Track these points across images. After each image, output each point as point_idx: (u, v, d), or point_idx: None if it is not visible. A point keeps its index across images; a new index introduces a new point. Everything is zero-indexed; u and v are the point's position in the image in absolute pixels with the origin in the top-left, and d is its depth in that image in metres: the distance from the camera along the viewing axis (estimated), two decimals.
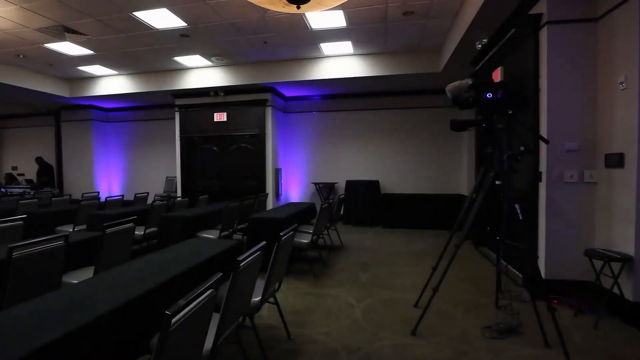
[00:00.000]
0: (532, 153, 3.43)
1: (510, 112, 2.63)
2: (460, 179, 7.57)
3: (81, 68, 7.33)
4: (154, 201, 5.23)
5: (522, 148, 2.63)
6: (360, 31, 5.51)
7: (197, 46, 6.15)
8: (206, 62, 7.07)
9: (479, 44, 4.49)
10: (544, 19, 3.35)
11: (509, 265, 3.92)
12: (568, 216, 3.30)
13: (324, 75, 6.77)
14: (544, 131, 3.35)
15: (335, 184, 8.25)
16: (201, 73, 7.41)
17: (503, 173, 2.64)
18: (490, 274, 4.07)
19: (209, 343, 1.61)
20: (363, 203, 7.64)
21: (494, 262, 3.17)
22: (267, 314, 3.08)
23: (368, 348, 2.52)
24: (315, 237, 4.27)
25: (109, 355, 1.54)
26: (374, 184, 7.78)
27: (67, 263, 2.50)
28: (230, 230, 4.84)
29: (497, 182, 2.70)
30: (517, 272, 3.83)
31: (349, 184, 7.83)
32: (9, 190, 8.84)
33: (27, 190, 8.68)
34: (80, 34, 5.48)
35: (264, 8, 4.25)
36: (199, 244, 2.85)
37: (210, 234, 4.53)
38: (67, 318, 1.44)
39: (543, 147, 3.33)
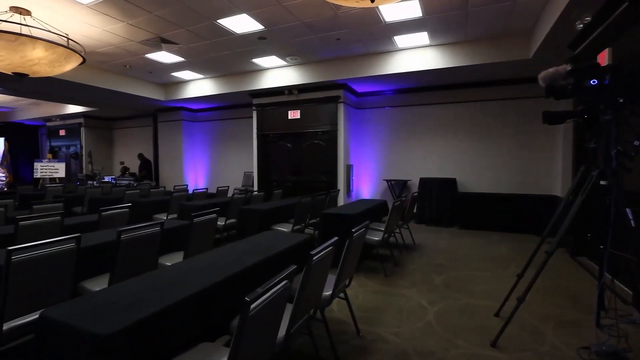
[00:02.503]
0: None
1: (620, 101, 2.25)
2: (553, 178, 6.75)
3: (174, 74, 8.17)
4: (233, 194, 5.61)
5: (637, 143, 2.23)
6: (438, 20, 5.22)
7: (273, 47, 6.42)
8: (281, 62, 7.35)
9: (580, 24, 3.93)
10: None
11: (614, 280, 3.38)
12: None
13: (398, 69, 6.56)
14: None
15: (408, 181, 7.98)
16: (276, 73, 7.73)
17: (610, 172, 2.28)
18: (589, 288, 3.58)
19: (282, 331, 1.68)
20: (438, 202, 7.27)
21: (595, 275, 2.76)
22: (337, 308, 3.11)
23: (442, 354, 2.40)
24: (386, 235, 4.18)
25: (195, 331, 1.69)
26: (451, 182, 7.35)
27: (162, 247, 2.81)
28: (303, 224, 4.99)
29: (601, 183, 2.34)
30: (625, 288, 3.30)
31: (423, 181, 7.51)
32: (118, 181, 10.27)
33: (132, 182, 9.99)
34: (174, 43, 6.10)
35: (337, 5, 4.26)
36: (273, 236, 2.98)
37: (284, 227, 4.71)
38: (163, 295, 1.62)
39: None
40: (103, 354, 1.27)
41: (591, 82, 2.30)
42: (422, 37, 5.89)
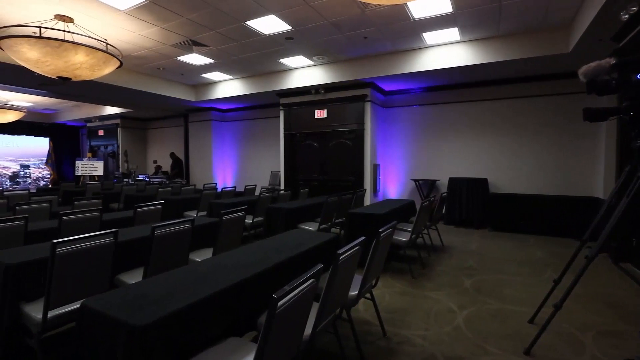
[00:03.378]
0: None
1: None
2: (594, 179, 6.37)
3: (204, 75, 8.40)
4: (260, 193, 5.70)
5: None
6: (469, 15, 5.06)
7: (300, 47, 6.46)
8: (308, 62, 7.38)
9: (625, 14, 3.69)
10: None
11: None
12: None
13: (427, 67, 6.42)
14: None
15: (437, 181, 7.80)
16: (303, 72, 7.78)
17: None
18: (634, 296, 3.36)
19: (308, 329, 1.69)
20: (468, 202, 7.06)
21: None
22: (363, 308, 3.09)
23: None
24: (414, 235, 4.10)
25: (224, 326, 1.73)
26: (482, 182, 7.11)
27: (192, 243, 2.89)
28: (329, 223, 4.99)
29: None
30: None
31: (452, 181, 7.32)
32: (152, 179, 10.70)
33: (164, 180, 10.38)
34: (204, 45, 6.27)
35: (365, 3, 4.22)
36: (299, 234, 3.00)
37: (310, 226, 4.74)
38: (194, 290, 1.67)
39: None
40: (137, 344, 1.32)
41: (638, 76, 2.15)
42: (452, 33, 5.73)
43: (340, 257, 1.71)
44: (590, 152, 6.43)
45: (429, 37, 5.89)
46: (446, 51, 6.24)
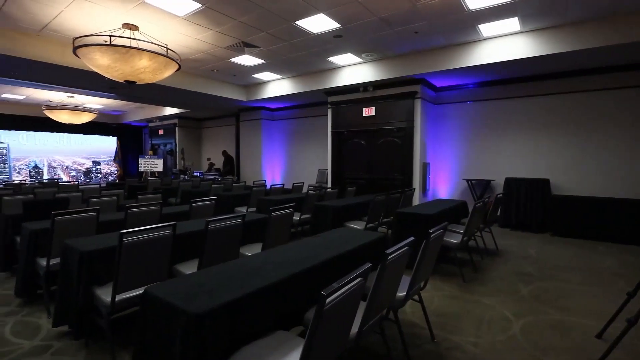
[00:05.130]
0: None
1: None
2: None
3: (255, 75, 8.68)
4: (308, 190, 5.78)
5: None
6: (532, 3, 4.70)
7: (349, 45, 6.43)
8: (357, 59, 7.33)
9: None
10: None
11: None
12: None
13: (483, 60, 6.07)
14: None
15: (492, 182, 7.37)
16: (352, 70, 7.73)
17: None
18: None
19: (354, 328, 1.68)
20: (527, 204, 6.59)
21: None
22: (410, 310, 3.01)
23: None
24: (466, 238, 3.91)
25: (272, 319, 1.78)
26: (543, 183, 6.59)
27: (242, 238, 3.00)
28: (376, 222, 4.92)
29: None
30: None
31: (509, 181, 6.87)
32: (205, 176, 11.29)
33: (217, 176, 10.91)
34: (255, 46, 6.48)
35: None
36: (346, 233, 2.99)
37: (357, 225, 4.71)
38: (244, 283, 1.74)
39: None
40: (194, 330, 1.40)
41: None
42: (512, 23, 5.37)
43: (389, 257, 1.68)
44: None
45: (486, 28, 5.57)
46: (504, 43, 5.85)
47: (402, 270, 2.04)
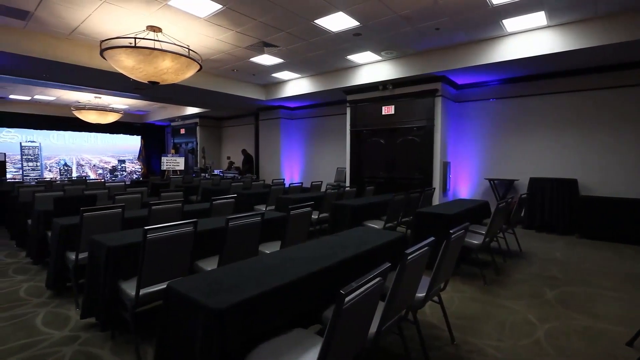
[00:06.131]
0: None
1: None
2: None
3: (274, 75, 8.74)
4: (326, 189, 5.78)
5: None
6: None
7: (368, 43, 6.38)
8: (376, 57, 7.26)
9: None
10: None
11: None
12: None
13: (507, 56, 5.89)
14: None
15: (515, 181, 7.16)
16: (371, 68, 7.67)
17: None
18: None
19: (373, 328, 1.67)
20: (553, 205, 6.37)
21: None
22: (429, 312, 2.97)
23: None
24: (487, 239, 3.82)
25: (290, 316, 1.79)
26: (570, 184, 6.35)
27: (261, 235, 3.03)
28: (395, 222, 4.87)
29: None
30: None
31: (534, 181, 6.66)
32: (225, 174, 11.48)
33: (236, 175, 11.06)
34: (275, 46, 6.52)
35: None
36: (365, 232, 2.98)
37: (375, 224, 4.67)
38: (263, 280, 1.76)
39: None
40: (214, 325, 1.43)
41: None
42: (538, 18, 5.19)
43: (409, 257, 1.66)
44: None
45: (510, 24, 5.41)
46: (530, 38, 5.67)
47: (422, 270, 2.01)
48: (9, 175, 11.88)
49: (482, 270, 3.92)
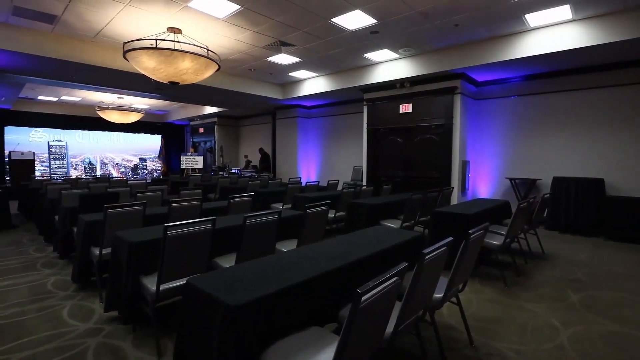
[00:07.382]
0: None
1: None
2: None
3: (291, 74, 8.77)
4: (343, 188, 5.77)
5: None
6: None
7: (386, 41, 6.32)
8: (393, 55, 7.19)
9: None
10: None
11: None
12: None
13: (530, 52, 5.72)
14: None
15: (537, 181, 6.96)
16: (388, 66, 7.60)
17: None
18: None
19: (389, 327, 1.65)
20: (577, 206, 6.16)
21: None
22: (447, 313, 2.93)
23: None
24: (508, 239, 3.73)
25: (306, 314, 1.80)
26: (596, 183, 6.12)
27: (278, 233, 3.06)
28: (412, 221, 4.82)
29: None
30: None
31: (557, 181, 6.45)
32: (243, 172, 11.61)
33: (253, 173, 11.17)
34: (292, 45, 6.54)
35: None
36: (382, 231, 2.95)
37: (392, 224, 4.63)
38: (280, 278, 1.77)
39: None
40: (231, 321, 1.45)
41: None
42: (563, 11, 5.02)
43: (427, 257, 1.64)
44: None
45: (533, 18, 5.25)
46: (554, 33, 5.49)
47: (440, 271, 1.98)
48: (37, 174, 12.39)
49: (503, 271, 3.83)
